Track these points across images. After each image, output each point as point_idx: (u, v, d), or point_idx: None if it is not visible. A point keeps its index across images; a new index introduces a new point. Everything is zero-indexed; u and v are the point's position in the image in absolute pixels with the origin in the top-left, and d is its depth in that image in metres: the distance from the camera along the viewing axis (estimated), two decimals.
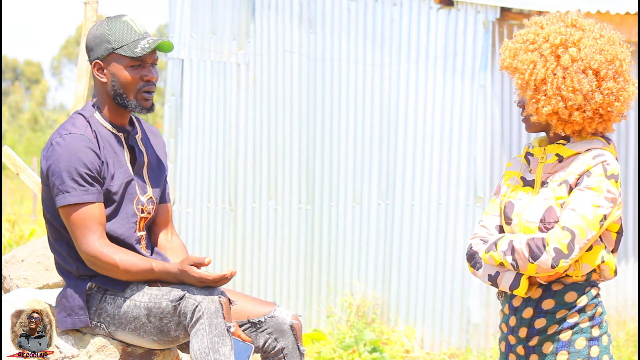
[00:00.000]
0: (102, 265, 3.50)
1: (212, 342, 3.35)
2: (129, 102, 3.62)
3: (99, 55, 3.61)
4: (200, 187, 8.84)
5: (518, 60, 3.25)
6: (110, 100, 3.64)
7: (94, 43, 3.62)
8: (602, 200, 3.16)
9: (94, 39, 3.62)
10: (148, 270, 3.50)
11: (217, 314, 3.37)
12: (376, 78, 8.31)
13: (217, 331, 3.36)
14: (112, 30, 3.60)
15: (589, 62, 3.19)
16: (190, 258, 3.44)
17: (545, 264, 3.13)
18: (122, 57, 3.60)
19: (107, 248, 3.50)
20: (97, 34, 3.62)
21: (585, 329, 3.23)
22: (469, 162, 8.01)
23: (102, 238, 3.51)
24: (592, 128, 3.25)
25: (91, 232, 3.50)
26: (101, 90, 3.65)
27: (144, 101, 3.63)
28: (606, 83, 3.20)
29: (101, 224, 3.52)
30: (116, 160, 3.61)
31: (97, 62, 3.62)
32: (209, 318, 3.36)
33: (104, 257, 3.48)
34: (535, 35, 3.27)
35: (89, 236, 3.49)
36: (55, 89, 60.42)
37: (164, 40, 3.60)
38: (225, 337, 3.36)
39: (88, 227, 3.50)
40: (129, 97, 3.62)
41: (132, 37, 3.61)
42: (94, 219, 3.50)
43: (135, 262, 3.50)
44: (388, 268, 8.27)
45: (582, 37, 3.22)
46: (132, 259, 3.50)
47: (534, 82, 3.22)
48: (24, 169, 5.48)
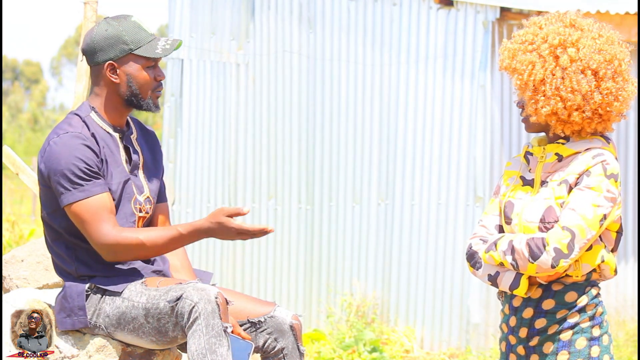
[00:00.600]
0: (126, 251, 3.47)
1: (209, 343, 3.34)
2: (144, 102, 3.62)
3: (113, 56, 3.59)
4: (200, 187, 8.84)
5: (517, 60, 3.25)
6: (120, 100, 3.63)
7: (106, 44, 3.58)
8: (602, 199, 3.16)
9: (105, 40, 3.58)
10: (177, 237, 3.46)
11: (214, 314, 3.36)
12: (376, 78, 8.31)
13: (214, 332, 3.35)
14: (126, 30, 3.58)
15: (588, 62, 3.19)
16: (225, 209, 3.38)
17: (545, 264, 3.13)
18: (139, 58, 3.59)
19: (126, 232, 3.47)
20: (108, 35, 3.58)
21: (585, 328, 3.22)
22: (469, 162, 8.01)
23: (117, 226, 3.48)
24: (591, 128, 3.24)
25: (105, 222, 3.47)
26: (109, 91, 3.63)
27: (156, 100, 3.65)
28: (605, 83, 3.19)
29: (112, 212, 3.50)
30: (113, 160, 3.60)
31: (111, 63, 3.60)
32: (205, 319, 3.35)
33: (127, 240, 3.45)
34: (533, 35, 3.26)
35: (104, 227, 3.46)
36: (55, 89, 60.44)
37: (180, 41, 3.62)
38: (222, 338, 3.36)
39: (101, 217, 3.46)
40: (144, 96, 3.61)
41: (146, 37, 3.60)
42: (105, 209, 3.48)
43: (161, 234, 3.47)
44: (388, 268, 8.26)
45: (581, 37, 3.22)
46: (155, 232, 3.47)
47: (533, 83, 3.22)
48: (24, 169, 5.48)
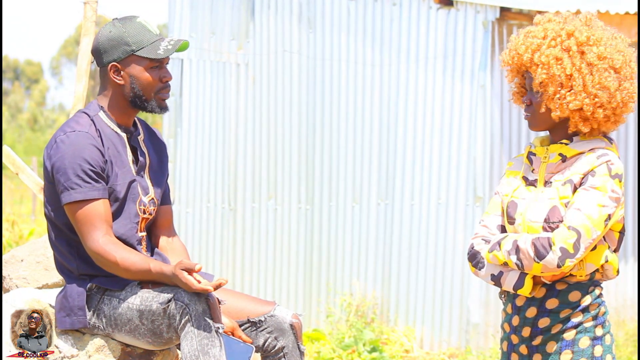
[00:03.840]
0: (104, 263, 3.49)
1: (202, 344, 3.34)
2: (148, 104, 3.61)
3: (116, 57, 3.58)
4: (200, 187, 8.84)
5: (542, 54, 3.22)
6: (125, 102, 3.63)
7: (109, 45, 3.58)
8: (607, 199, 3.16)
9: (109, 41, 3.58)
10: (146, 271, 3.48)
11: (205, 315, 3.36)
12: (376, 78, 8.31)
13: (205, 333, 3.35)
14: (129, 32, 3.57)
15: (612, 60, 3.20)
16: (183, 263, 3.41)
17: (551, 264, 3.13)
18: (142, 59, 3.58)
19: (110, 246, 3.48)
20: (111, 36, 3.58)
21: (589, 328, 3.22)
22: (469, 162, 8.01)
23: (106, 235, 3.50)
24: (606, 127, 3.25)
25: (96, 229, 3.49)
26: (115, 92, 3.62)
27: (162, 101, 3.63)
28: (625, 83, 3.21)
29: (106, 220, 3.51)
30: (119, 160, 3.60)
31: (115, 64, 3.59)
32: (197, 320, 3.35)
33: (106, 254, 3.47)
34: (555, 32, 3.23)
35: (93, 233, 3.49)
36: (55, 89, 60.45)
37: (185, 41, 3.60)
38: (214, 338, 3.35)
39: (93, 224, 3.49)
40: (148, 98, 3.61)
41: (150, 38, 3.59)
42: (98, 216, 3.49)
43: (135, 261, 3.49)
44: (387, 268, 8.26)
45: (602, 36, 3.23)
46: (132, 258, 3.49)
47: (560, 77, 3.20)
48: (24, 169, 5.47)
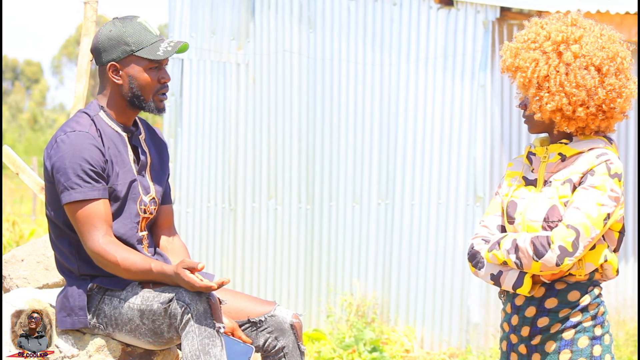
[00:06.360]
0: (105, 263, 3.49)
1: (203, 344, 3.34)
2: (146, 104, 3.62)
3: (115, 57, 3.58)
4: (200, 187, 8.84)
5: (520, 58, 3.26)
6: (124, 101, 3.63)
7: (109, 45, 3.59)
8: (606, 199, 3.17)
9: (109, 40, 3.58)
10: (147, 271, 3.48)
11: (206, 315, 3.36)
12: (376, 78, 8.31)
13: (206, 333, 3.35)
14: (129, 31, 3.58)
15: (591, 58, 3.21)
16: (185, 262, 3.41)
17: (550, 262, 3.13)
18: (141, 59, 3.58)
19: (110, 246, 3.49)
20: (111, 36, 3.58)
21: (588, 328, 3.23)
22: (469, 162, 8.01)
23: (106, 235, 3.50)
24: (595, 125, 3.25)
25: (96, 229, 3.49)
26: (114, 92, 3.63)
27: (160, 102, 3.64)
28: (608, 79, 3.21)
29: (106, 221, 3.51)
30: (120, 160, 3.60)
31: (113, 64, 3.59)
32: (198, 320, 3.36)
33: (106, 254, 3.47)
34: (536, 34, 3.28)
35: (93, 233, 3.49)
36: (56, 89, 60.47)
37: (185, 43, 3.60)
38: (215, 338, 3.36)
39: (93, 224, 3.49)
40: (146, 98, 3.61)
41: (150, 39, 3.59)
42: (98, 216, 3.50)
43: (136, 261, 3.49)
44: (388, 268, 8.26)
45: (583, 34, 3.24)
46: (133, 258, 3.49)
47: (537, 80, 3.23)
48: (24, 169, 5.47)
